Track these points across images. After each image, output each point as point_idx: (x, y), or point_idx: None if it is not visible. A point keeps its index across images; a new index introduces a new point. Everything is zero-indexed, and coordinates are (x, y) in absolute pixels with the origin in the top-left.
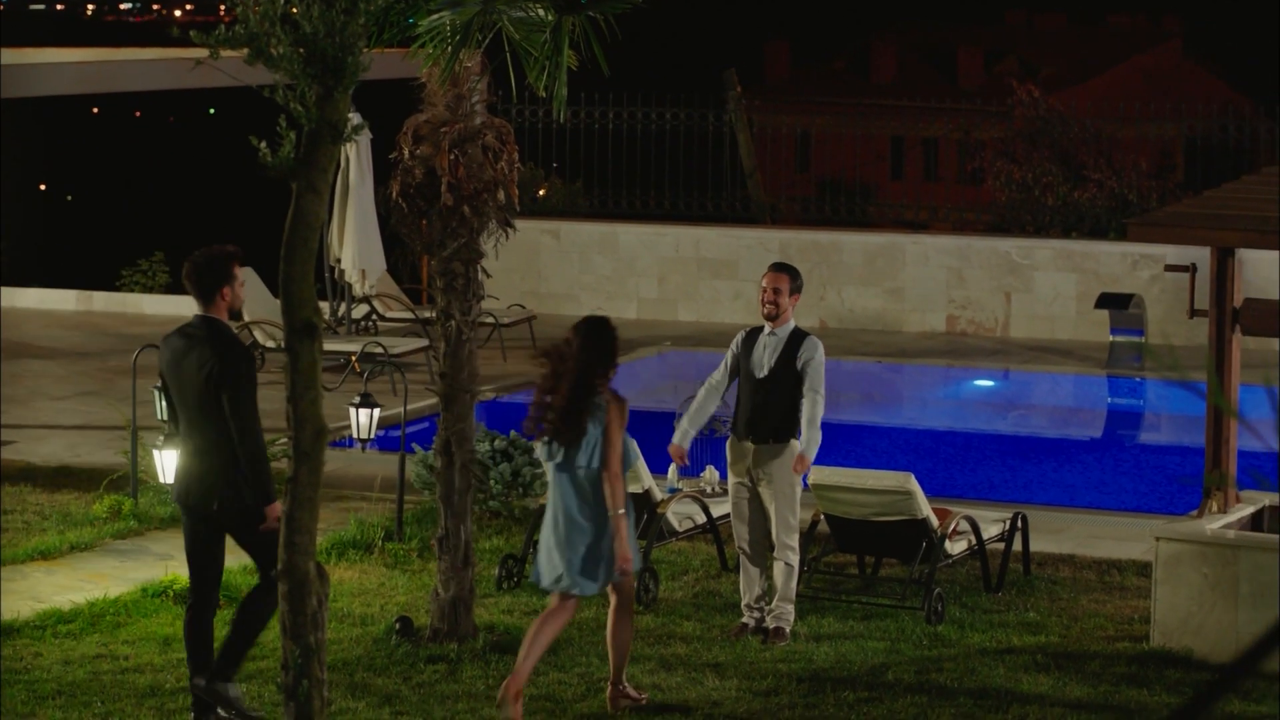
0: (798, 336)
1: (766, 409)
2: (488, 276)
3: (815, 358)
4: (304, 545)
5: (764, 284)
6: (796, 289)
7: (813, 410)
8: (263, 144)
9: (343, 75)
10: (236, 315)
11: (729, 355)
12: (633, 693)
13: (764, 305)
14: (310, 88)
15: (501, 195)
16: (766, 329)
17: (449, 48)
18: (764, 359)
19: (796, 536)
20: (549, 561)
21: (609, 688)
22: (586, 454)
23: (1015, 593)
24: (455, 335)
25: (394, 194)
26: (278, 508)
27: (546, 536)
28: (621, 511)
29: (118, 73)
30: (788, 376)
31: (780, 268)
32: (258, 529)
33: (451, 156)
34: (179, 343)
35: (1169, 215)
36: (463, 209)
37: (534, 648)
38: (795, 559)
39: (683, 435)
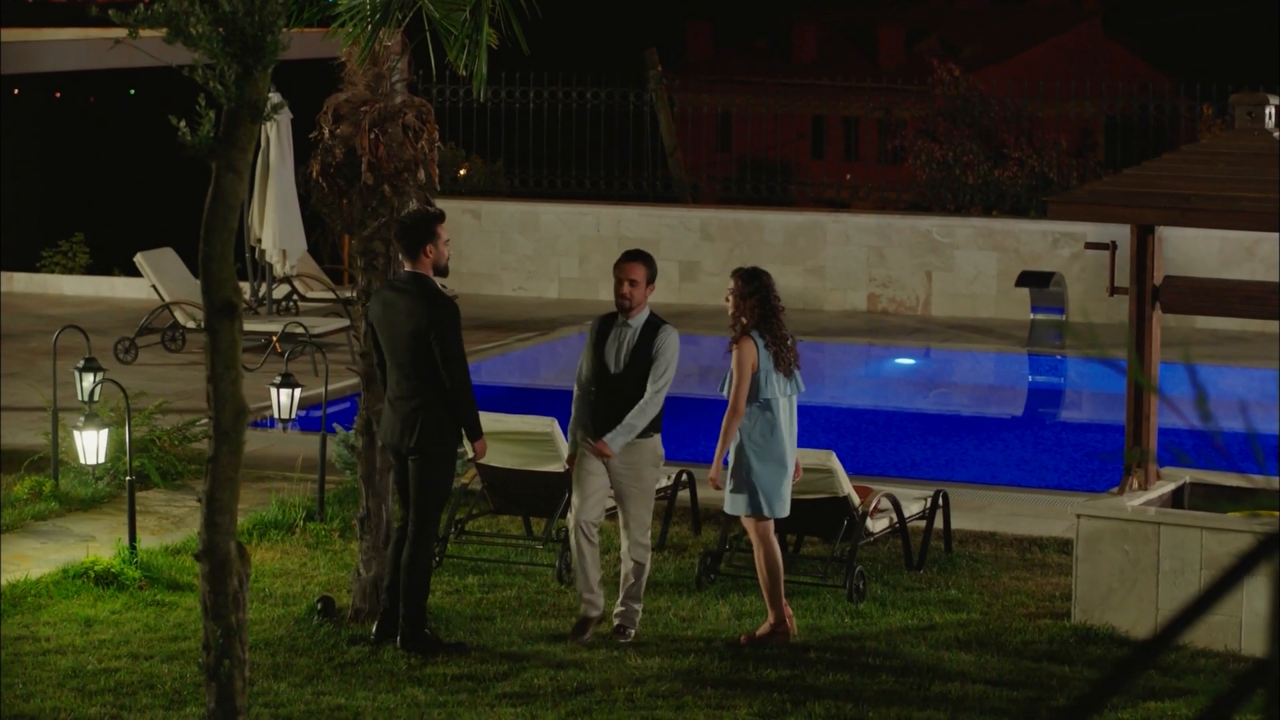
0: (652, 326)
1: (621, 407)
2: None
3: (667, 349)
4: (225, 525)
5: (618, 274)
6: (652, 277)
7: (644, 406)
8: (182, 123)
9: (262, 54)
10: (442, 271)
11: (588, 347)
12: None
13: (620, 298)
14: (229, 67)
15: (422, 174)
16: (620, 319)
17: (369, 26)
18: (617, 353)
19: (649, 535)
20: (786, 487)
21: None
22: (796, 384)
23: (937, 570)
24: None
25: (314, 173)
26: (485, 443)
27: (778, 469)
28: None
29: (37, 53)
30: (641, 371)
31: (635, 256)
32: (432, 476)
33: (372, 136)
34: (389, 295)
35: (1089, 193)
36: (383, 188)
37: (779, 582)
38: (648, 557)
39: (574, 445)
